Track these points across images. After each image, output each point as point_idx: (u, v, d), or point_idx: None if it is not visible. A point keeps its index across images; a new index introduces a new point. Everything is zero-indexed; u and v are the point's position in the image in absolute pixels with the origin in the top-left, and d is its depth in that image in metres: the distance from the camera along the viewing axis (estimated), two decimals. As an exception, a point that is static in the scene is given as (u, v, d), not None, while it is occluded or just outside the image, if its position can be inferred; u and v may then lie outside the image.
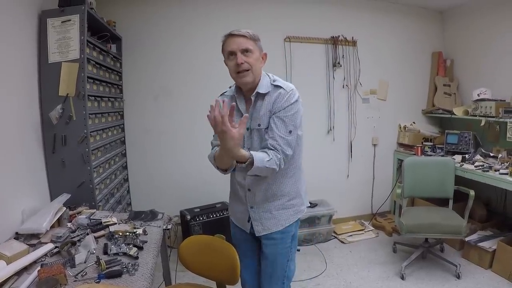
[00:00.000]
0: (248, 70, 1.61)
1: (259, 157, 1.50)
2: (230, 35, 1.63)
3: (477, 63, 4.09)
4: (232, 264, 1.78)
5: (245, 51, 1.61)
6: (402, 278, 3.06)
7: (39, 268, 1.49)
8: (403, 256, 3.42)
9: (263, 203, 1.75)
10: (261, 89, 1.67)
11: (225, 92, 1.85)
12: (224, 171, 1.61)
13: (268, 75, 1.73)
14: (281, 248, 1.79)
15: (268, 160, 1.52)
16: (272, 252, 1.80)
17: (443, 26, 4.53)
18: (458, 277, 3.03)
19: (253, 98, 1.68)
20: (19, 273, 1.49)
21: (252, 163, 1.47)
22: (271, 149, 1.56)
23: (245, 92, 1.73)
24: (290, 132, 1.60)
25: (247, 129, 1.70)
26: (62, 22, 2.23)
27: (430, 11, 4.43)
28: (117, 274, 1.50)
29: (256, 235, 1.80)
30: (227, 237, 2.01)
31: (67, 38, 2.24)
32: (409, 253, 3.37)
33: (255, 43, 1.63)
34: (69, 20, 2.23)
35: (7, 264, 1.49)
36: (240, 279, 1.89)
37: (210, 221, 3.37)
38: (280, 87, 1.67)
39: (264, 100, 1.67)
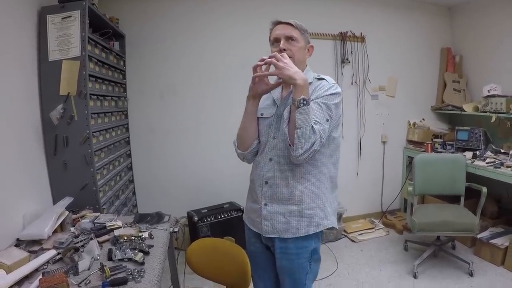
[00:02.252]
0: (290, 58, 1.54)
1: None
2: (278, 23, 1.66)
3: (487, 59, 4.04)
4: (243, 268, 1.70)
5: (290, 38, 1.61)
6: (415, 276, 3.01)
7: (40, 276, 1.42)
8: (414, 255, 3.38)
9: (278, 203, 1.64)
10: None
11: None
12: (245, 150, 1.70)
13: (314, 72, 1.72)
14: (297, 264, 1.67)
15: (314, 123, 1.46)
16: (288, 267, 1.69)
17: (452, 21, 4.47)
18: (471, 274, 3.00)
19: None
20: (20, 283, 1.42)
21: (308, 102, 1.42)
22: None
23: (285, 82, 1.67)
24: (327, 120, 1.53)
25: (277, 116, 1.66)
26: (62, 18, 2.16)
27: (438, 7, 4.38)
28: (122, 282, 1.42)
29: (264, 235, 1.69)
30: (236, 239, 1.93)
31: (68, 35, 2.16)
32: (421, 251, 3.33)
33: (301, 33, 1.64)
34: (70, 17, 2.15)
35: (7, 273, 1.43)
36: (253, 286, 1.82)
37: (218, 222, 3.31)
38: (323, 79, 1.65)
39: None
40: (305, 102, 1.41)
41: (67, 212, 1.99)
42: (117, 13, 3.09)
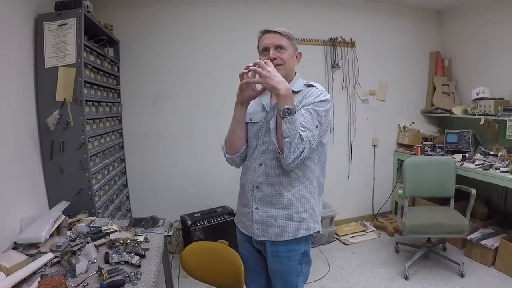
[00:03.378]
0: (280, 65, 1.60)
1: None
2: (265, 32, 1.67)
3: (475, 62, 4.11)
4: (236, 271, 1.74)
5: (279, 47, 1.63)
6: (406, 278, 3.05)
7: (39, 279, 1.45)
8: (405, 256, 3.42)
9: (269, 207, 1.66)
10: (294, 87, 1.65)
11: None
12: (233, 154, 1.73)
13: (303, 79, 1.75)
14: (288, 266, 1.70)
15: (303, 130, 1.48)
16: (279, 270, 1.72)
17: (441, 26, 4.55)
18: (462, 275, 3.03)
19: None
20: (18, 285, 1.45)
21: (293, 112, 1.43)
22: None
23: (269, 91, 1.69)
24: (317, 126, 1.56)
25: (266, 121, 1.68)
26: (58, 25, 2.19)
27: (427, 11, 4.45)
28: (119, 284, 1.45)
29: (255, 238, 1.71)
30: (229, 243, 1.96)
31: (64, 42, 2.19)
32: (412, 253, 3.36)
33: (289, 41, 1.66)
34: (66, 24, 2.19)
35: (6, 276, 1.45)
36: None
37: (211, 225, 3.33)
38: (313, 86, 1.68)
39: (294, 98, 1.63)
40: (289, 112, 1.42)
41: (63, 216, 2.02)
42: (111, 19, 3.12)
